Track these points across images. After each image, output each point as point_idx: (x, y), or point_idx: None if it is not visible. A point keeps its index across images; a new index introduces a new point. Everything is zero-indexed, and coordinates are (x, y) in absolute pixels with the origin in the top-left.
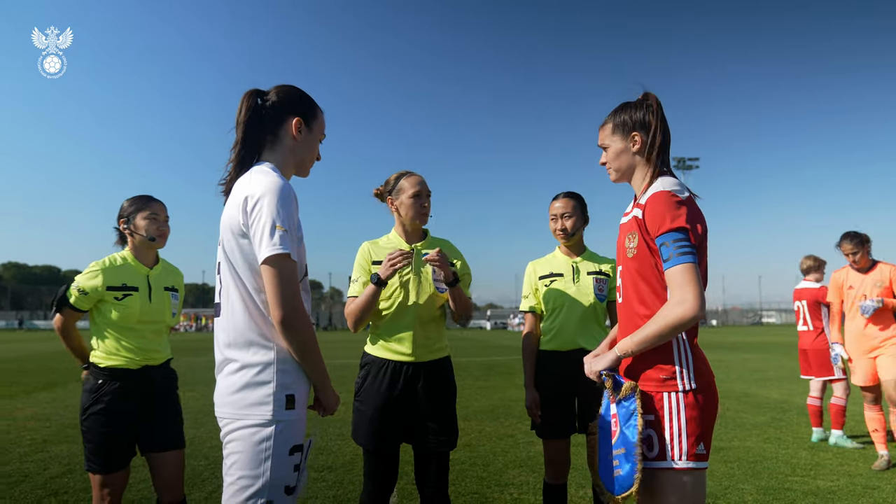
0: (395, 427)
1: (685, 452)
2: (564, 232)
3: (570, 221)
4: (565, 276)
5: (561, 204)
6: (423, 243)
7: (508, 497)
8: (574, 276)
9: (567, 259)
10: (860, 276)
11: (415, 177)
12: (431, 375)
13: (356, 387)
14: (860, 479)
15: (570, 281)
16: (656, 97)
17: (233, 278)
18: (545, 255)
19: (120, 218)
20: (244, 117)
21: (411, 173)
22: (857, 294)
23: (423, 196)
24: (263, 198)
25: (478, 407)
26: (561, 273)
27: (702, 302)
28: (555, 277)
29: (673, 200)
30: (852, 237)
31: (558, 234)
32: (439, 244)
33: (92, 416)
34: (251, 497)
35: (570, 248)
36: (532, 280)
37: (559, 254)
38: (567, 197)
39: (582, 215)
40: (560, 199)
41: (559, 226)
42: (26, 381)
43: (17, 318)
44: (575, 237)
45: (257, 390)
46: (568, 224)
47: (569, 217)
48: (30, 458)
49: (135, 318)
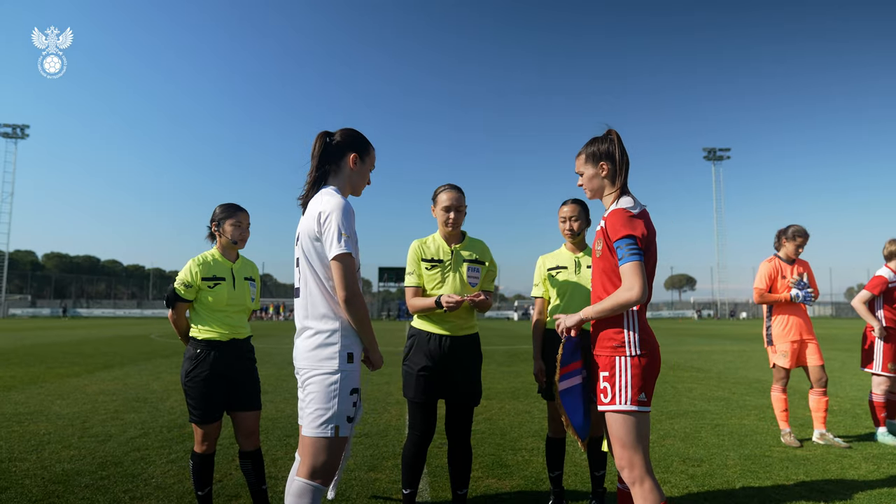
0: (434, 385)
1: (630, 399)
2: (571, 232)
3: (576, 224)
4: (569, 268)
5: (569, 209)
6: (462, 244)
7: (521, 458)
8: (576, 268)
9: (571, 254)
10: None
11: (449, 193)
12: (463, 346)
13: (404, 352)
14: (834, 450)
15: (573, 273)
16: (616, 132)
17: (309, 270)
18: (553, 251)
19: (212, 221)
20: (317, 152)
21: (449, 189)
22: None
23: (452, 210)
24: (332, 213)
25: (500, 388)
26: (566, 266)
27: (644, 289)
28: (560, 269)
29: (626, 215)
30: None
31: (566, 233)
32: (475, 245)
33: (192, 378)
34: (324, 423)
35: (575, 245)
36: (542, 271)
37: (565, 250)
38: (574, 203)
39: (586, 218)
40: (568, 205)
41: (567, 227)
42: (86, 363)
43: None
44: (579, 236)
45: (327, 349)
46: (574, 226)
47: (575, 220)
48: (109, 423)
49: (224, 303)
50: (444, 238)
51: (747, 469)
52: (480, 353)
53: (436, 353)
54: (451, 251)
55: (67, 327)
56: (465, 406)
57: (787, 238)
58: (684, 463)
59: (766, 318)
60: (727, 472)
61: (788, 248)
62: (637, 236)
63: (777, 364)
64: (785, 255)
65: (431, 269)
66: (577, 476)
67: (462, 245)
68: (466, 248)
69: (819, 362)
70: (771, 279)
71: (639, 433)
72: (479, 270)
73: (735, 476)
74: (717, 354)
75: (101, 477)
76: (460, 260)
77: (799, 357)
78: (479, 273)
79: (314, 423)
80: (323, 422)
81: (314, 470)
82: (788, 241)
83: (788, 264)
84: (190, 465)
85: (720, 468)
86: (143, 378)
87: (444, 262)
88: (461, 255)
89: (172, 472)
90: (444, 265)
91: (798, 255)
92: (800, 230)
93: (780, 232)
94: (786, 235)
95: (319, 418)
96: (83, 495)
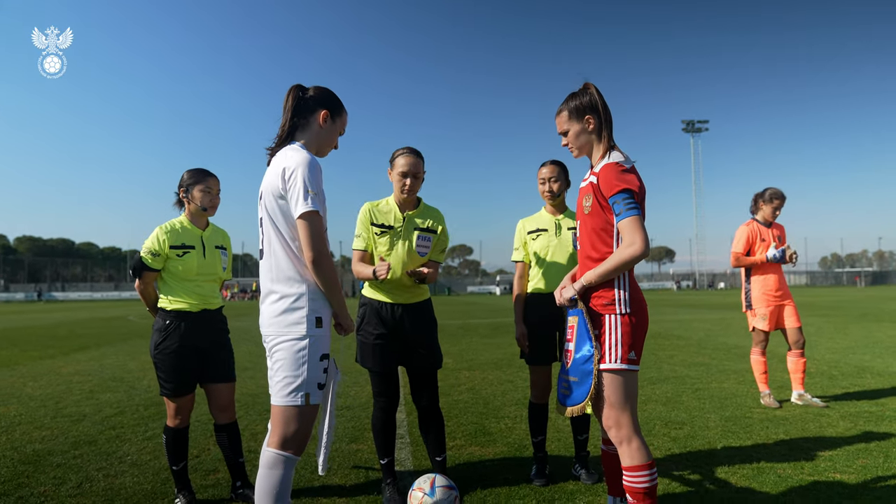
0: (391, 352)
1: (620, 357)
2: (551, 193)
3: (556, 185)
4: (549, 230)
5: (548, 169)
6: (416, 211)
7: (504, 426)
8: (556, 231)
9: (552, 217)
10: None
11: (407, 157)
12: (415, 313)
13: (357, 322)
14: (813, 410)
15: (553, 235)
16: (594, 85)
17: (273, 230)
18: (533, 214)
19: (180, 187)
20: (290, 105)
21: (407, 153)
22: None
23: (409, 176)
24: (298, 168)
25: (483, 360)
26: (546, 228)
27: (647, 243)
28: (540, 232)
29: (620, 169)
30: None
31: (545, 195)
32: (429, 212)
33: (162, 350)
34: (293, 391)
35: (555, 206)
36: (521, 234)
37: (545, 212)
38: (553, 164)
39: (565, 180)
40: (547, 166)
41: (546, 188)
42: (61, 345)
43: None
44: (559, 198)
45: (294, 313)
46: (554, 187)
47: (555, 181)
48: (83, 403)
49: (193, 272)
50: (398, 203)
51: (728, 430)
52: (434, 317)
53: (389, 320)
54: (404, 218)
55: (43, 311)
56: (427, 372)
57: (763, 201)
58: (666, 426)
59: (745, 283)
60: (708, 433)
61: (766, 211)
62: (634, 190)
63: (756, 327)
64: (762, 218)
65: (381, 236)
66: (561, 441)
67: (416, 212)
68: (420, 216)
69: (797, 324)
70: (749, 242)
71: (627, 392)
72: (430, 240)
73: (716, 437)
74: (696, 323)
75: (73, 456)
76: (411, 228)
77: (777, 320)
78: (429, 242)
79: (283, 392)
80: (292, 389)
81: (285, 439)
82: (766, 204)
83: (766, 227)
84: (163, 439)
85: (701, 430)
86: (120, 358)
87: (395, 228)
88: (414, 222)
89: (148, 448)
90: (394, 231)
91: (775, 218)
92: (776, 192)
93: (758, 195)
94: (763, 198)
95: (288, 386)
96: (55, 474)
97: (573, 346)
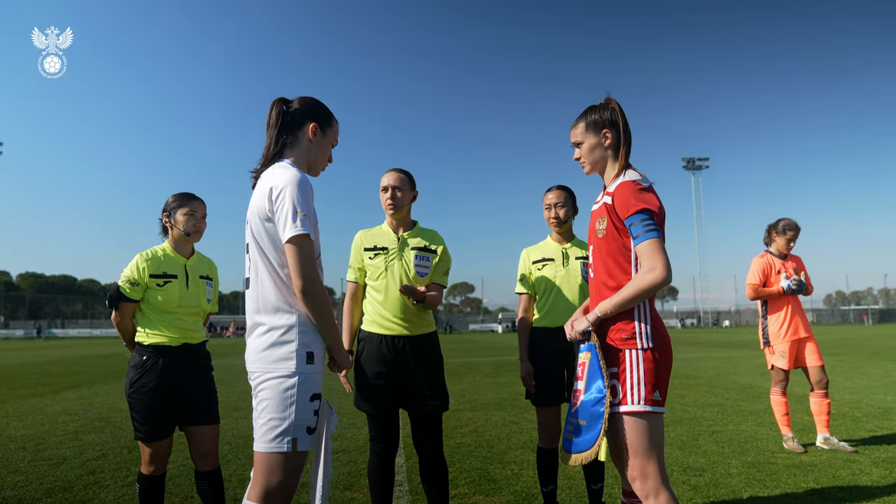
0: (392, 393)
1: (643, 398)
2: (557, 220)
3: (562, 210)
4: (556, 260)
5: (554, 195)
6: (411, 232)
7: (510, 472)
8: (564, 260)
9: (558, 246)
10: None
11: (388, 173)
12: (420, 347)
13: (355, 361)
14: (841, 455)
15: (561, 265)
16: (616, 101)
17: (260, 256)
18: (538, 243)
19: (164, 211)
20: (274, 121)
21: (390, 170)
22: None
23: (390, 190)
24: (286, 188)
25: (486, 400)
26: (552, 258)
27: (669, 268)
28: (546, 262)
29: (637, 188)
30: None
31: (551, 221)
32: (426, 234)
33: (138, 389)
34: (279, 435)
35: (562, 234)
36: (526, 264)
37: (551, 241)
38: (559, 189)
39: (572, 205)
40: (553, 191)
41: (552, 214)
42: (52, 383)
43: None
44: (566, 225)
45: (283, 348)
46: (560, 213)
47: (561, 206)
48: (65, 445)
49: (175, 303)
50: (391, 226)
51: (752, 477)
52: (440, 353)
53: (389, 357)
54: (398, 238)
55: (40, 348)
56: (431, 414)
57: (777, 232)
58: (685, 472)
59: (762, 318)
60: (731, 480)
61: (780, 243)
62: (653, 210)
63: (775, 365)
64: (776, 250)
65: (374, 258)
66: (573, 490)
67: (411, 233)
68: (415, 236)
69: (819, 362)
70: (764, 274)
71: (652, 437)
72: (429, 260)
73: (740, 485)
74: (704, 361)
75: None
76: (406, 247)
77: (797, 357)
78: (429, 263)
79: (268, 436)
80: (278, 434)
81: (268, 491)
82: (779, 236)
83: (781, 259)
84: (136, 488)
85: (724, 477)
86: (111, 397)
87: (389, 249)
88: (408, 242)
89: (128, 496)
90: (387, 253)
91: (789, 250)
92: (790, 223)
93: (771, 226)
94: (776, 230)
95: (274, 430)
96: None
97: (583, 384)
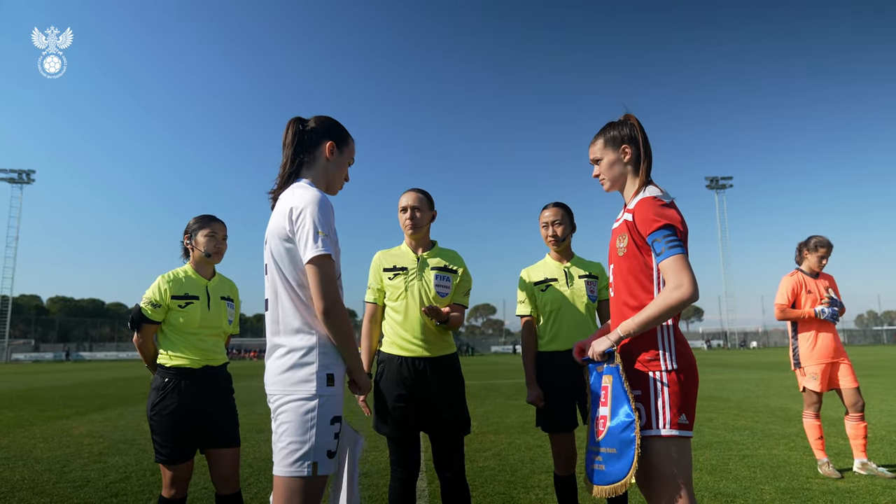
0: (412, 416)
1: (669, 422)
2: (555, 238)
3: (559, 228)
4: (559, 280)
5: (550, 212)
6: (431, 252)
7: (533, 497)
8: (567, 280)
9: (558, 265)
10: None
11: (407, 193)
12: (441, 369)
13: (374, 383)
14: (880, 481)
15: (565, 285)
16: (636, 117)
17: (279, 276)
18: (535, 263)
19: (185, 233)
20: (290, 140)
21: (408, 190)
22: None
23: (408, 210)
24: (307, 208)
25: (509, 422)
26: (555, 278)
27: (695, 285)
28: (549, 282)
29: (658, 203)
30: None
31: (549, 240)
32: (446, 254)
33: (159, 411)
34: (299, 459)
35: (560, 253)
36: (527, 286)
37: (550, 260)
38: (556, 206)
39: (570, 223)
40: (550, 208)
41: (550, 232)
42: (79, 405)
43: (65, 350)
44: (564, 243)
45: (303, 370)
46: (558, 231)
47: (558, 224)
48: (90, 467)
49: (196, 324)
50: (410, 246)
51: None
52: (461, 375)
53: (409, 379)
54: (418, 258)
55: (68, 371)
56: (453, 437)
57: (808, 250)
58: (716, 499)
59: (792, 339)
60: None
61: (811, 261)
62: (676, 226)
63: (807, 388)
64: (808, 269)
65: (394, 279)
66: None
67: (430, 253)
68: (435, 256)
69: (853, 384)
70: (794, 294)
71: (680, 463)
72: (449, 280)
73: None
74: (732, 383)
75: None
76: (426, 267)
77: (831, 380)
78: (449, 283)
79: (287, 460)
80: (298, 458)
81: None
82: (811, 253)
83: (813, 278)
84: None
85: (757, 503)
86: (136, 419)
87: (408, 269)
88: (427, 262)
89: None
90: (407, 273)
91: (822, 268)
92: (822, 241)
93: (802, 244)
94: (807, 247)
95: (294, 454)
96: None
97: (608, 410)
